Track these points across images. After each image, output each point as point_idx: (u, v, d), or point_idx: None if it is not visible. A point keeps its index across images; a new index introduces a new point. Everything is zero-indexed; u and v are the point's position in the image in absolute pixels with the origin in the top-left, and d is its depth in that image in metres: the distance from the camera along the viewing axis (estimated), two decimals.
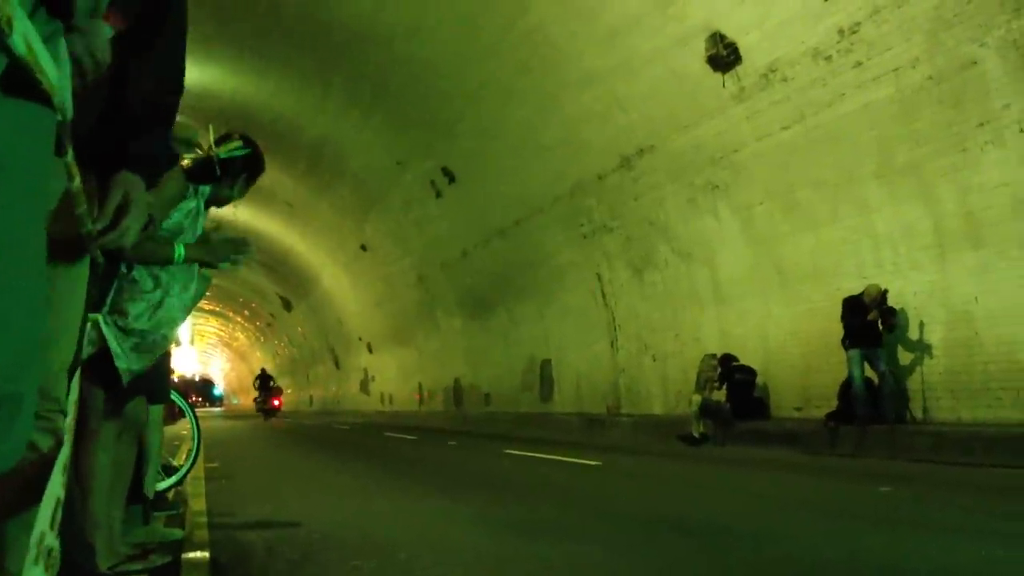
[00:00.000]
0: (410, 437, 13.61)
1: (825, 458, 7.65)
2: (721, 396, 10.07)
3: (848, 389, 8.60)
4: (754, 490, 5.62)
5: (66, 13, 1.07)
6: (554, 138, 12.55)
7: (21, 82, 0.97)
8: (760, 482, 6.13)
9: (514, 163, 13.77)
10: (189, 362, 53.41)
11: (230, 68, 14.29)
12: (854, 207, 8.90)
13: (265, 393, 29.93)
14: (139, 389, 2.96)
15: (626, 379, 13.38)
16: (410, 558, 3.24)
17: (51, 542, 1.67)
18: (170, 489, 5.31)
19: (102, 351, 2.59)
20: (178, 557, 3.17)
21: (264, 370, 32.67)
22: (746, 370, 10.28)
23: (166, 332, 2.80)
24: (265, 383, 30.55)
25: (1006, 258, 7.51)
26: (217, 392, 73.77)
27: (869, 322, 8.40)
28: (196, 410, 6.22)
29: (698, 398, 9.81)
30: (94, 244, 1.36)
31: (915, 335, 8.48)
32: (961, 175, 7.72)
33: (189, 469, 5.78)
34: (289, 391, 40.32)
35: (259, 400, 30.24)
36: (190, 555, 3.25)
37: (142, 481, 3.72)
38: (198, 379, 65.54)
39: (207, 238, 2.96)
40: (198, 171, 2.88)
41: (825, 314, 9.15)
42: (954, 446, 6.98)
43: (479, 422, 16.63)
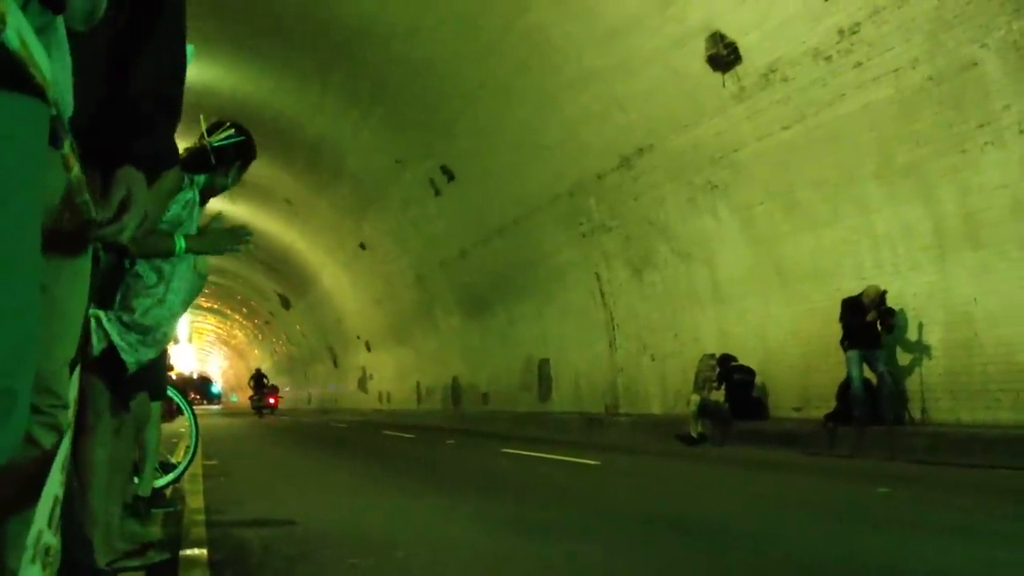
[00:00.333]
0: (408, 436, 13.60)
1: (823, 459, 7.64)
2: (720, 396, 10.07)
3: (847, 390, 8.60)
4: (753, 490, 5.62)
5: (58, 5, 1.06)
6: (553, 137, 12.54)
7: (14, 76, 0.97)
8: (759, 482, 6.13)
9: (513, 162, 13.76)
10: (187, 360, 53.42)
11: (229, 67, 14.28)
12: (854, 207, 8.91)
13: (260, 392, 31.23)
14: (141, 386, 2.96)
15: (625, 379, 13.38)
16: (408, 556, 3.23)
17: (49, 540, 1.66)
18: (168, 486, 5.32)
19: (104, 347, 2.60)
20: (176, 554, 3.17)
21: (259, 370, 33.93)
22: (745, 370, 10.29)
23: (169, 326, 2.80)
24: (259, 382, 31.78)
25: (1006, 259, 7.51)
26: (215, 390, 73.78)
27: (868, 323, 8.40)
28: (194, 408, 6.21)
29: (697, 398, 9.81)
30: (94, 234, 1.36)
31: (914, 336, 8.49)
32: (961, 176, 7.72)
33: (187, 466, 5.78)
34: (287, 389, 40.44)
35: (254, 398, 31.49)
36: (188, 552, 3.25)
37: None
38: (196, 377, 65.50)
39: (206, 229, 2.96)
40: (193, 161, 2.88)
41: (824, 314, 9.14)
42: (953, 447, 6.98)
43: (477, 421, 16.63)
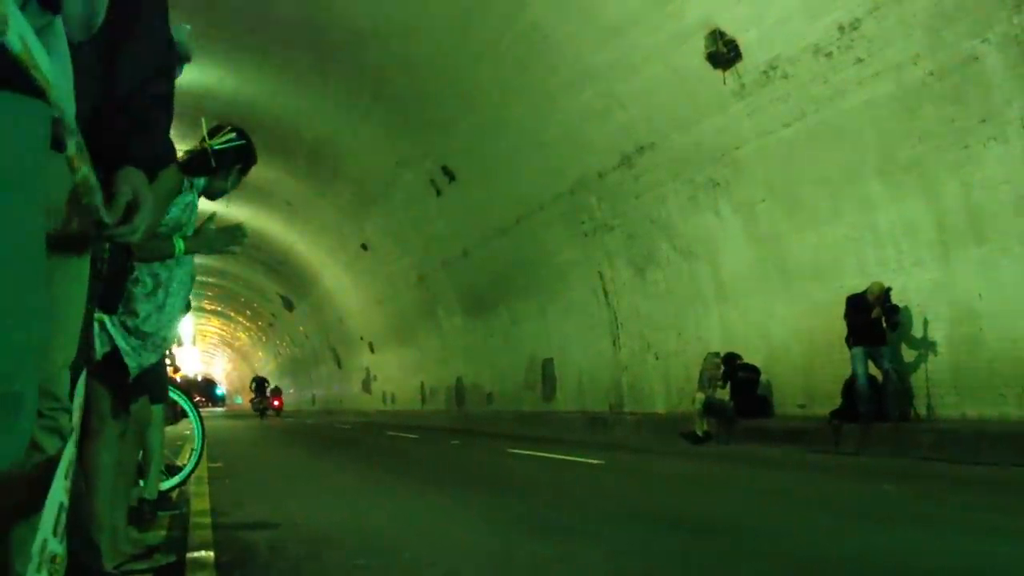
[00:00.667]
0: (412, 436, 13.61)
1: (829, 456, 7.63)
2: (725, 394, 10.06)
3: (852, 387, 8.58)
4: (758, 488, 5.62)
5: (56, 6, 1.06)
6: (554, 136, 12.53)
7: (16, 79, 0.97)
8: (764, 480, 6.12)
9: (514, 161, 13.75)
10: (192, 362, 53.57)
11: (229, 68, 14.28)
12: (856, 204, 8.88)
13: (260, 395, 34.51)
14: (142, 389, 2.96)
15: (628, 377, 13.36)
16: (414, 557, 3.23)
17: (55, 548, 1.66)
18: (174, 489, 5.32)
19: (107, 351, 2.60)
20: (182, 556, 3.17)
21: (259, 375, 37.78)
22: (749, 368, 10.28)
23: (168, 331, 2.81)
24: (260, 386, 35.09)
25: (1009, 254, 7.48)
26: (220, 392, 74.00)
27: (872, 320, 8.38)
28: (199, 410, 6.20)
29: (702, 396, 9.80)
30: (105, 235, 1.35)
31: (919, 332, 8.47)
32: (963, 171, 7.70)
33: (193, 469, 5.77)
34: (291, 391, 40.59)
35: (255, 401, 34.81)
36: (194, 554, 3.25)
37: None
38: (201, 379, 65.64)
39: (201, 229, 2.97)
40: (193, 164, 2.88)
41: (828, 312, 9.12)
42: (958, 443, 6.96)
43: (481, 421, 16.63)
